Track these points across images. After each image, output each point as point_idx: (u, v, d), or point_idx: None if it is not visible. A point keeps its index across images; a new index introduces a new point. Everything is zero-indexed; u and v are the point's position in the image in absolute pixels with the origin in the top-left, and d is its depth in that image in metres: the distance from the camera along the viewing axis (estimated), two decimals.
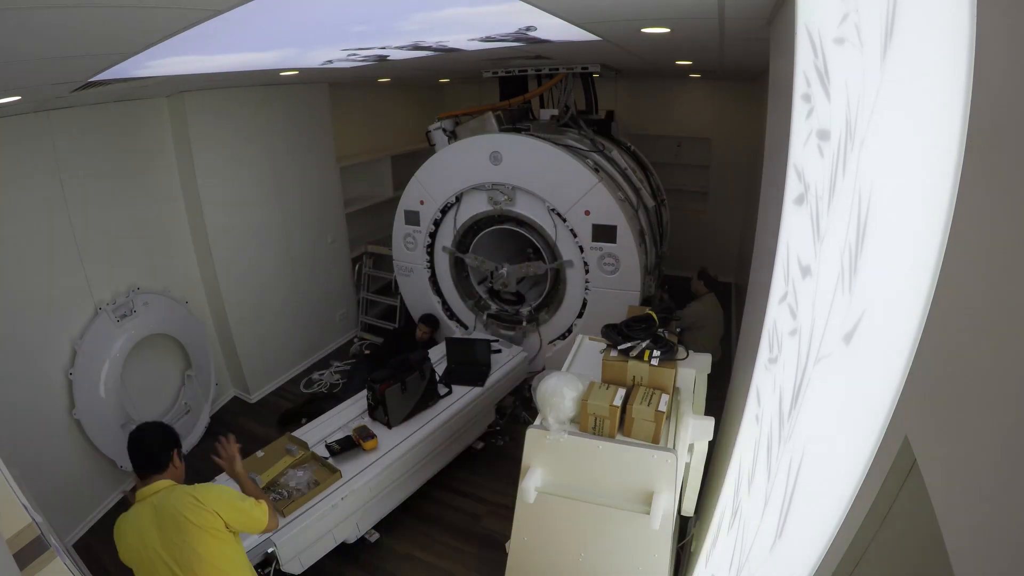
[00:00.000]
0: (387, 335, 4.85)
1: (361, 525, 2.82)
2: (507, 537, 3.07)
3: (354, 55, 2.86)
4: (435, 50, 2.89)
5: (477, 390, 3.44)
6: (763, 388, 1.40)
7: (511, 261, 4.14)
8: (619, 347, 2.02)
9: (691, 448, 2.00)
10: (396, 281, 4.72)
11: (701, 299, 4.20)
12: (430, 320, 4.38)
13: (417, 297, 4.51)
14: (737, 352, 2.69)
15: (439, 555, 2.94)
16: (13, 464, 1.70)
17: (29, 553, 1.38)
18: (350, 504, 2.63)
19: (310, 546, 2.50)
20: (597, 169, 3.66)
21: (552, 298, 4.00)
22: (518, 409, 4.11)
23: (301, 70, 3.45)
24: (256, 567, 2.23)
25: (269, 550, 2.31)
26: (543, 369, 3.99)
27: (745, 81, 5.52)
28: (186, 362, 3.87)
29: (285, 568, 2.40)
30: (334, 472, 2.65)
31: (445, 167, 3.97)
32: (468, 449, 3.61)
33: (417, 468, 3.04)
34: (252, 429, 4.04)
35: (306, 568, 2.53)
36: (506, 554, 2.21)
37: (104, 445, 3.21)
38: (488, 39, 2.64)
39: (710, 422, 1.96)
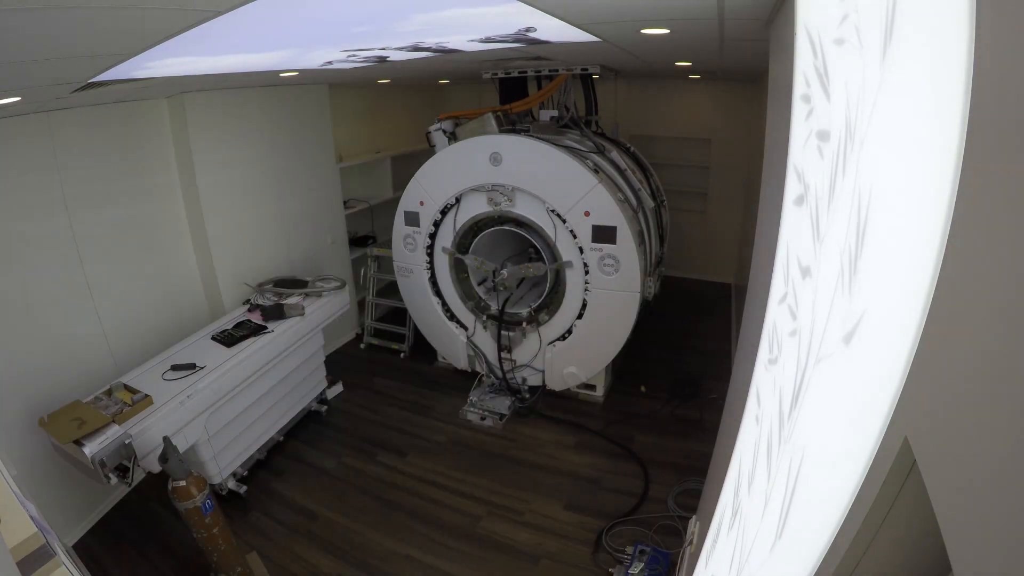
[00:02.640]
0: None
1: (220, 459, 3.26)
2: (507, 538, 3.09)
3: (354, 56, 2.86)
4: (435, 51, 2.89)
5: (295, 320, 3.72)
6: (763, 389, 1.40)
7: (511, 262, 4.14)
8: None
9: None
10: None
11: None
12: None
13: (417, 298, 4.51)
14: (737, 352, 2.69)
15: (438, 555, 2.93)
16: (12, 464, 1.70)
17: (33, 561, 1.38)
18: (196, 403, 2.95)
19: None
20: (597, 170, 3.67)
21: (552, 299, 4.00)
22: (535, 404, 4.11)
23: (301, 71, 3.45)
24: (118, 466, 2.52)
25: (126, 442, 2.54)
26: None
27: (745, 82, 5.53)
28: None
29: (144, 464, 2.64)
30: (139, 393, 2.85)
31: (445, 168, 3.97)
32: (314, 412, 4.22)
33: (254, 379, 3.40)
34: None
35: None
36: None
37: None
38: (488, 40, 2.64)
39: None
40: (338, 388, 4.52)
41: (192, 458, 3.17)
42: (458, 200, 3.99)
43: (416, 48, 2.74)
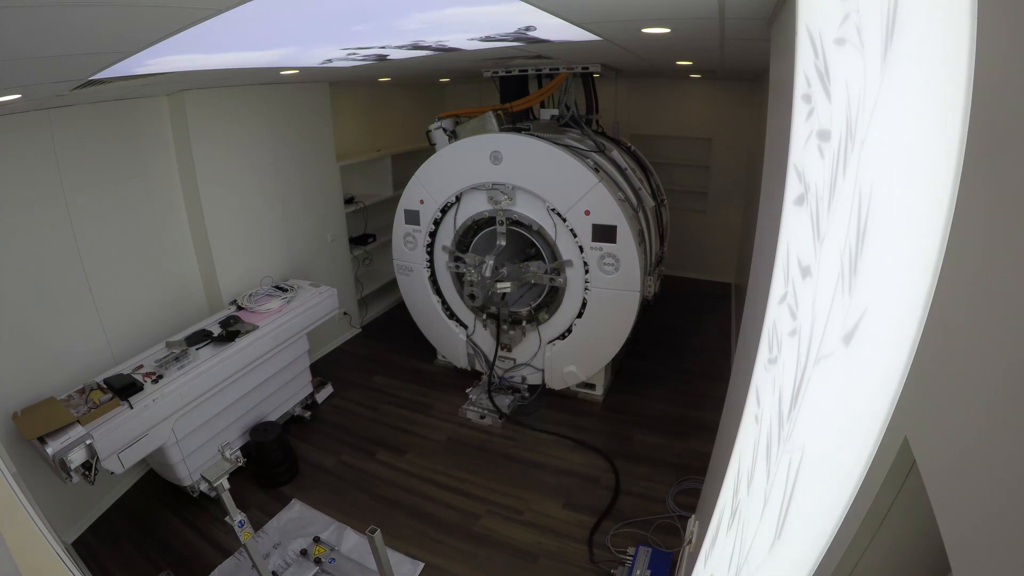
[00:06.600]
0: None
1: (189, 462, 3.22)
2: (505, 536, 3.08)
3: (354, 54, 2.86)
4: (435, 50, 2.89)
5: (278, 318, 3.77)
6: (763, 388, 1.40)
7: (511, 261, 4.14)
8: None
9: None
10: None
11: None
12: None
13: (417, 296, 4.51)
14: (737, 352, 2.69)
15: (436, 553, 2.94)
16: (12, 461, 1.70)
17: (32, 559, 1.38)
18: (162, 407, 2.95)
19: (128, 446, 2.79)
20: (597, 169, 3.66)
21: (552, 298, 4.00)
22: (531, 409, 4.12)
23: (301, 69, 3.45)
24: (81, 464, 2.50)
25: (88, 442, 2.54)
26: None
27: (745, 81, 5.52)
28: None
29: (105, 465, 2.65)
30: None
31: (445, 167, 3.97)
32: (296, 418, 4.13)
33: (227, 385, 3.37)
34: None
35: (127, 467, 2.82)
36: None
37: None
38: (488, 39, 2.64)
39: None
40: (328, 391, 4.46)
41: (161, 460, 3.16)
42: (458, 199, 3.99)
43: (416, 47, 2.74)
